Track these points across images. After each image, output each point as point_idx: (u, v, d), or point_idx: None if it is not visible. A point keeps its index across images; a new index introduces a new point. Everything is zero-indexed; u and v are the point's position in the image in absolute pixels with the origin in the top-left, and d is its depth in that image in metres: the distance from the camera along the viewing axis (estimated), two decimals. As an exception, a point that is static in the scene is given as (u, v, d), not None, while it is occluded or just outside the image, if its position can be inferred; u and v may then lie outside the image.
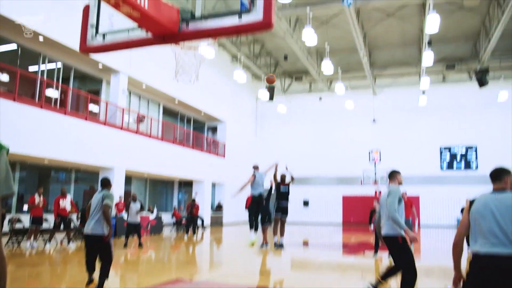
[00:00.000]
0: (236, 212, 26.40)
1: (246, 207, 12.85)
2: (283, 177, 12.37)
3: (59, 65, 17.14)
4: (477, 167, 27.34)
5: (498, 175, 3.18)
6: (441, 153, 28.52)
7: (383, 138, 28.25)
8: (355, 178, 27.14)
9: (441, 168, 28.35)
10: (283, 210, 12.16)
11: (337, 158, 29.30)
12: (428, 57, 19.93)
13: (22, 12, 13.28)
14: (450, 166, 28.18)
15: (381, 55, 26.06)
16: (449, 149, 28.28)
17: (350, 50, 24.67)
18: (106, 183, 6.79)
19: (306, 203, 29.80)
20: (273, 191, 12.46)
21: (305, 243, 14.39)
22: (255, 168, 12.09)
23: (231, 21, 3.14)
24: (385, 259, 9.98)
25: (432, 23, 16.20)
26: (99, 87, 19.59)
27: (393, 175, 5.49)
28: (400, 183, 5.42)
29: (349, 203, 29.00)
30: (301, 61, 24.41)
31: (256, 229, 11.45)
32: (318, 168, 29.83)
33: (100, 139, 16.35)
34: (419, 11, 20.46)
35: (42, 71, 16.36)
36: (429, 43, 19.80)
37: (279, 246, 11.98)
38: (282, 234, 12.16)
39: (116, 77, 18.48)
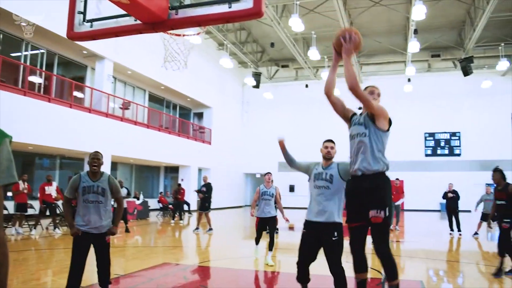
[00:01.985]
0: (221, 197, 26.43)
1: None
2: None
3: (43, 51, 16.91)
4: (460, 153, 27.90)
5: None
6: (425, 139, 28.95)
7: (368, 124, 28.37)
8: (341, 163, 27.34)
9: (426, 154, 28.82)
10: None
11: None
12: (414, 46, 20.16)
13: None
14: (434, 152, 28.70)
15: (368, 43, 26.05)
16: (433, 136, 28.76)
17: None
18: None
19: (292, 188, 29.97)
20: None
21: (291, 228, 14.53)
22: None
23: (221, 9, 3.13)
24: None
25: (418, 12, 16.49)
26: (84, 73, 19.38)
27: None
28: None
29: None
30: (288, 48, 24.37)
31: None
32: (304, 154, 29.55)
33: (85, 126, 16.20)
34: (405, -1, 20.52)
35: (26, 57, 16.13)
36: (415, 31, 19.93)
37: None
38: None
39: (101, 63, 18.28)
